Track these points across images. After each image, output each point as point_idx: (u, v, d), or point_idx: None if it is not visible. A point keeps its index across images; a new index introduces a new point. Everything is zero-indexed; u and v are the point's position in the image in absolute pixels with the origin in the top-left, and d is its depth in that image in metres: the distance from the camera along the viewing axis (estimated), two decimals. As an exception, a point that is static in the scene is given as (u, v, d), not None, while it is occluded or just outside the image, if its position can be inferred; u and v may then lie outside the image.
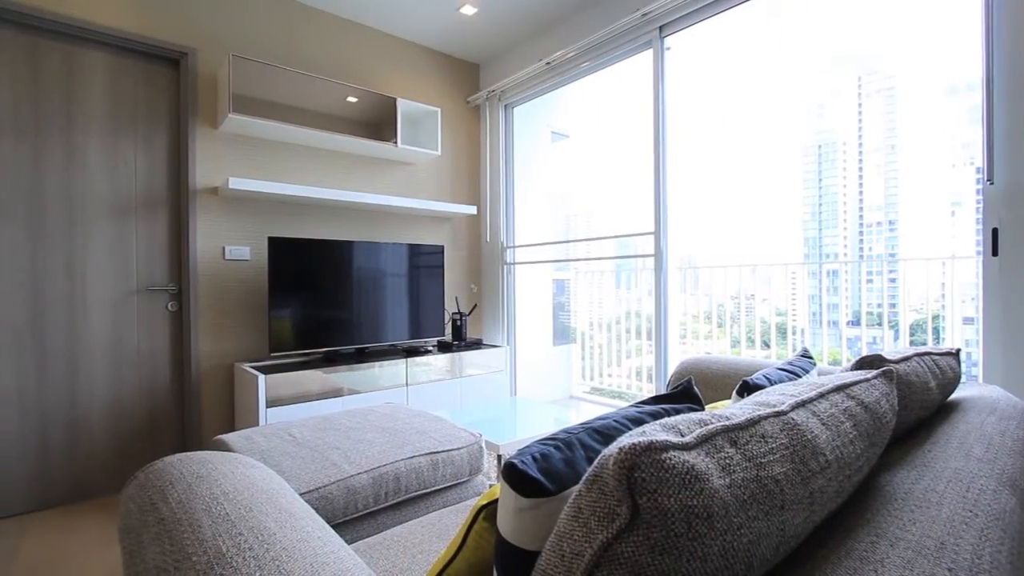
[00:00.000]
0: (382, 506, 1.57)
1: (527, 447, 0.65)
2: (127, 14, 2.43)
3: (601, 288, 4.51)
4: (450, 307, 3.57)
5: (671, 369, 2.65)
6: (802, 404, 0.58)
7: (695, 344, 3.87)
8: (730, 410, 0.53)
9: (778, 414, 0.53)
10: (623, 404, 4.07)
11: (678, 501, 0.37)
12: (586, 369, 4.50)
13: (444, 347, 3.19)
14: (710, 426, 0.45)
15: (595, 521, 0.40)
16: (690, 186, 2.99)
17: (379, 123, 3.06)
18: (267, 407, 2.32)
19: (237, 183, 2.48)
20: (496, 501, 0.71)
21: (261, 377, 2.31)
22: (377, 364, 2.74)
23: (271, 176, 2.82)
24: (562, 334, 4.80)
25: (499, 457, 2.24)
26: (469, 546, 0.74)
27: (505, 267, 3.63)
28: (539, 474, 0.58)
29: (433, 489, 1.68)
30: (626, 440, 0.40)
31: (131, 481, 0.87)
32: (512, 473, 0.58)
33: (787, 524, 0.45)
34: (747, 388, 0.95)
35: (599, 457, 0.43)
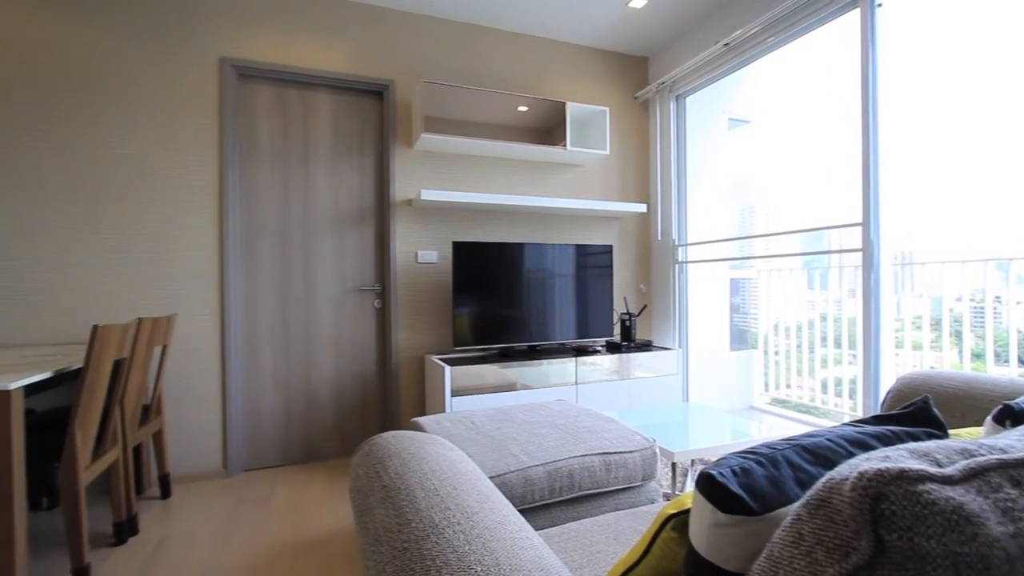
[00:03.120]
0: (556, 500, 1.61)
1: (723, 459, 0.60)
2: (344, 59, 2.90)
3: (787, 288, 4.01)
4: (618, 307, 3.53)
5: (884, 384, 2.24)
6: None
7: (913, 356, 3.22)
8: (1003, 440, 0.43)
9: (1081, 453, 0.41)
10: (817, 420, 3.55)
11: (942, 545, 0.31)
12: (769, 378, 4.05)
13: (612, 347, 3.16)
14: (980, 458, 0.37)
15: (822, 552, 0.36)
16: (907, 167, 2.49)
17: (548, 128, 3.15)
18: (452, 396, 2.56)
19: (428, 194, 2.79)
20: (686, 512, 0.68)
21: (447, 368, 2.56)
22: (547, 361, 2.83)
23: (455, 186, 3.11)
24: (740, 338, 4.39)
25: (673, 465, 2.14)
26: (654, 554, 0.72)
27: (677, 266, 3.46)
28: (741, 490, 0.54)
29: (605, 490, 1.68)
30: (866, 464, 0.35)
31: (358, 450, 1.03)
32: (710, 485, 0.55)
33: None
34: (1011, 414, 0.76)
35: (825, 480, 0.38)
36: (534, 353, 3.00)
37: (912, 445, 0.40)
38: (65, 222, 2.43)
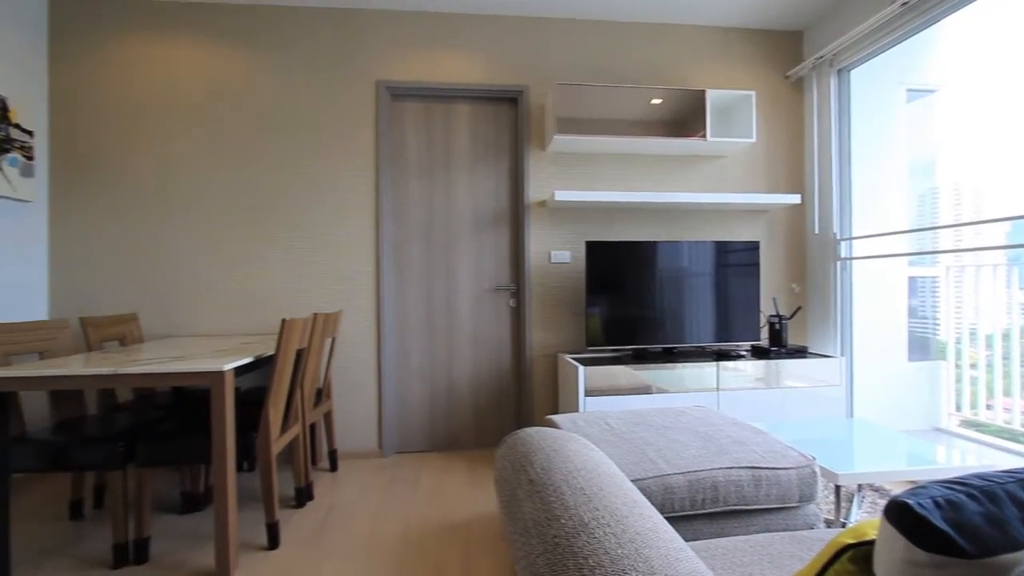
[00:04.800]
0: (698, 512, 1.53)
1: (920, 488, 0.52)
2: (481, 70, 3.05)
3: (988, 288, 3.32)
4: (766, 309, 3.22)
5: None
6: None
7: None
8: None
9: None
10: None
11: None
12: (964, 396, 3.39)
13: (759, 352, 2.90)
14: None
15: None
16: None
17: (684, 120, 2.99)
18: (585, 396, 2.56)
19: (561, 195, 2.82)
20: (868, 544, 0.60)
21: (581, 368, 2.57)
22: (684, 365, 2.69)
23: (588, 186, 3.10)
24: (921, 347, 3.74)
25: (837, 488, 1.90)
26: (826, 586, 0.65)
27: (839, 263, 3.06)
28: (947, 525, 0.46)
29: (754, 507, 1.55)
30: None
31: (502, 443, 1.07)
32: (906, 516, 0.48)
33: None
34: None
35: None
36: (670, 356, 2.87)
37: None
38: (257, 231, 2.90)
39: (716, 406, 2.71)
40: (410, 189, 3.06)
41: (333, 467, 2.77)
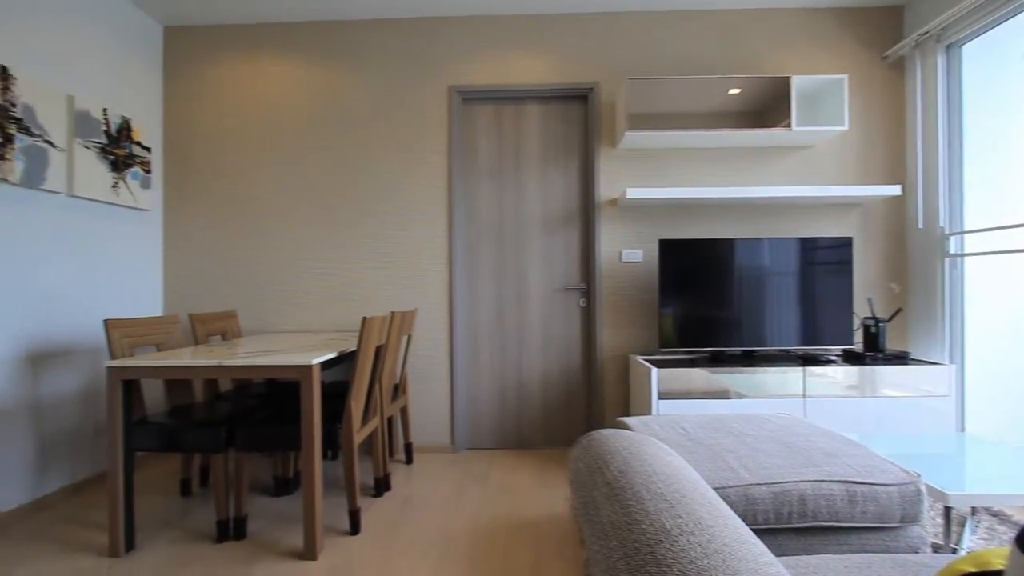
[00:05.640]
0: (784, 526, 1.44)
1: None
2: (551, 69, 3.05)
3: None
4: (860, 311, 2.98)
5: None
6: None
7: None
8: None
9: None
10: None
11: None
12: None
13: (851, 358, 2.68)
14: None
15: None
16: None
17: (765, 109, 2.83)
18: (659, 398, 2.49)
19: (633, 193, 2.76)
20: (993, 574, 0.54)
21: (654, 370, 2.50)
22: (766, 369, 2.54)
23: (660, 183, 3.01)
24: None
25: (947, 510, 1.72)
26: (940, 616, 0.59)
27: (947, 260, 2.76)
28: (1097, 561, 0.40)
29: (848, 525, 1.43)
30: None
31: (577, 444, 1.07)
32: (1044, 546, 0.42)
33: None
34: None
35: None
36: (749, 359, 2.72)
37: None
38: (339, 235, 3.08)
39: (802, 414, 2.54)
40: (481, 190, 3.12)
41: (408, 459, 2.88)
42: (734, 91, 2.82)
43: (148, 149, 2.98)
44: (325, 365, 2.02)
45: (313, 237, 3.09)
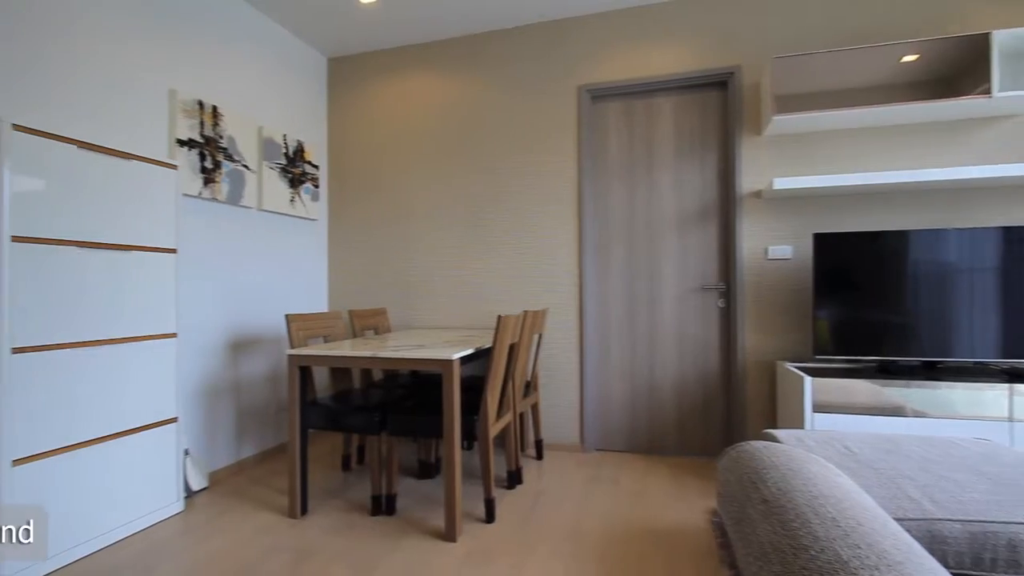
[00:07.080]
0: (982, 574, 1.21)
1: None
2: (685, 56, 2.90)
3: None
4: (1092, 317, 2.38)
5: None
6: None
7: None
8: None
9: None
10: None
11: None
12: None
13: (1081, 376, 2.15)
14: None
15: None
16: None
17: (951, 76, 2.41)
18: (813, 411, 2.24)
19: (782, 183, 2.51)
20: None
21: (807, 379, 2.25)
22: (955, 385, 2.15)
23: (813, 171, 2.70)
24: None
25: None
26: None
27: None
28: None
29: (1080, 582, 1.15)
30: None
31: (724, 455, 1.01)
32: None
33: None
34: None
35: None
36: (931, 372, 2.32)
37: None
38: (476, 237, 3.25)
39: (1008, 441, 2.10)
40: (612, 189, 3.07)
41: (539, 455, 2.94)
42: (909, 58, 2.43)
43: (316, 167, 3.43)
44: (463, 360, 2.15)
45: (451, 239, 3.30)
